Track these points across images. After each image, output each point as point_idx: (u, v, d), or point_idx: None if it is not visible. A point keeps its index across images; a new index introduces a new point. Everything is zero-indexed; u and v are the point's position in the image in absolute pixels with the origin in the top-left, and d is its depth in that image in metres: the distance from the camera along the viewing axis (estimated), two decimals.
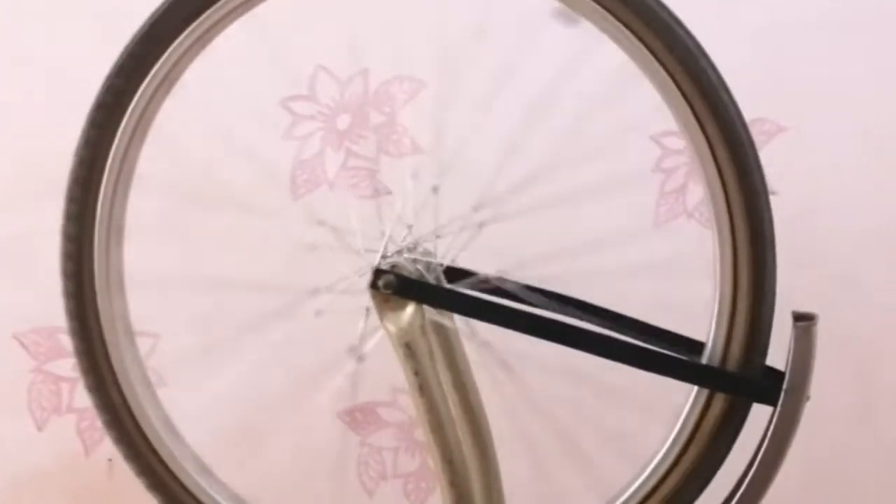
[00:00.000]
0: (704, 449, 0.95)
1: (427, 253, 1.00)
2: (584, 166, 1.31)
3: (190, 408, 1.09)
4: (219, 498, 1.04)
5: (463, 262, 1.01)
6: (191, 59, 0.99)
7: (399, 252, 0.99)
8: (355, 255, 0.99)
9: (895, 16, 1.37)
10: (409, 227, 1.00)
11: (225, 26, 0.98)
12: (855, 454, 1.44)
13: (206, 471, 1.05)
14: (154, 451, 1.03)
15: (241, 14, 0.97)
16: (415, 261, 0.99)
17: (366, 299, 0.98)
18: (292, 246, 1.13)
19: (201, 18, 0.97)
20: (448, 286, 0.99)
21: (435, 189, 0.99)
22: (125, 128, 0.99)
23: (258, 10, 0.97)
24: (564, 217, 1.34)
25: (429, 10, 1.30)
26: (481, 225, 1.00)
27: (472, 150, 1.26)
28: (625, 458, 0.99)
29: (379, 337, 0.98)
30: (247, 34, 1.02)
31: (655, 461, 0.96)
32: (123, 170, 1.00)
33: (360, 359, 0.99)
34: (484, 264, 1.02)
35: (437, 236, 1.00)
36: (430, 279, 0.99)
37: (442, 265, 1.00)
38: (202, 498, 1.03)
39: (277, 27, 1.12)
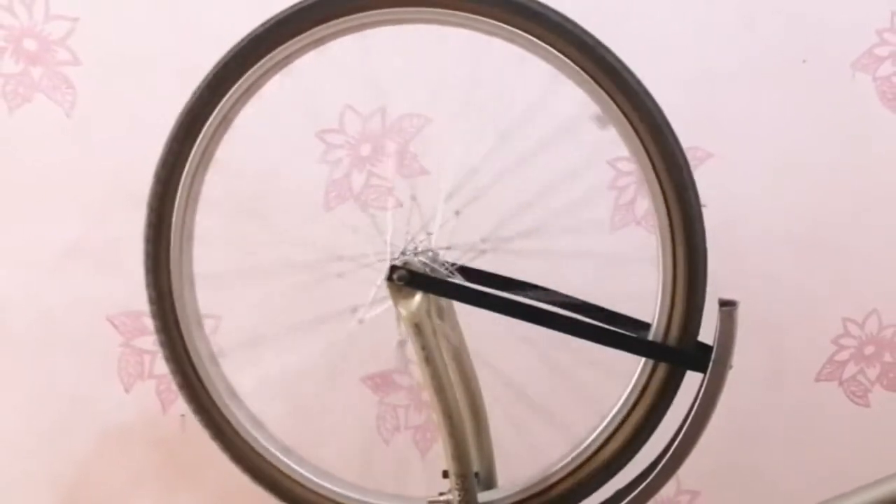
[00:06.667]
0: (649, 408, 0.95)
1: (433, 255, 0.99)
2: (557, 185, 1.31)
3: (242, 373, 1.08)
4: (267, 444, 1.03)
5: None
6: (266, 81, 0.98)
7: (411, 252, 0.99)
8: (379, 245, 0.99)
9: (798, 66, 1.37)
10: (429, 234, 1.00)
11: (297, 58, 0.98)
12: (767, 412, 1.44)
13: (257, 421, 1.04)
14: (214, 403, 1.01)
15: (313, 48, 0.97)
16: (423, 262, 0.99)
17: (375, 279, 0.97)
18: (326, 242, 1.13)
19: (274, 52, 0.96)
20: (448, 279, 0.99)
21: (457, 213, 1.00)
22: (206, 131, 0.98)
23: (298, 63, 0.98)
24: (541, 225, 1.34)
25: (432, 63, 1.30)
26: (483, 251, 1.01)
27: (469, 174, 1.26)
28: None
29: (385, 308, 0.97)
30: (291, 80, 1.01)
31: (608, 419, 0.96)
32: (202, 163, 0.99)
33: (360, 321, 0.98)
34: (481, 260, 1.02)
35: (448, 247, 1.00)
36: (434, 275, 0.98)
37: (446, 264, 1.00)
38: (252, 443, 1.02)
39: (315, 75, 1.11)
